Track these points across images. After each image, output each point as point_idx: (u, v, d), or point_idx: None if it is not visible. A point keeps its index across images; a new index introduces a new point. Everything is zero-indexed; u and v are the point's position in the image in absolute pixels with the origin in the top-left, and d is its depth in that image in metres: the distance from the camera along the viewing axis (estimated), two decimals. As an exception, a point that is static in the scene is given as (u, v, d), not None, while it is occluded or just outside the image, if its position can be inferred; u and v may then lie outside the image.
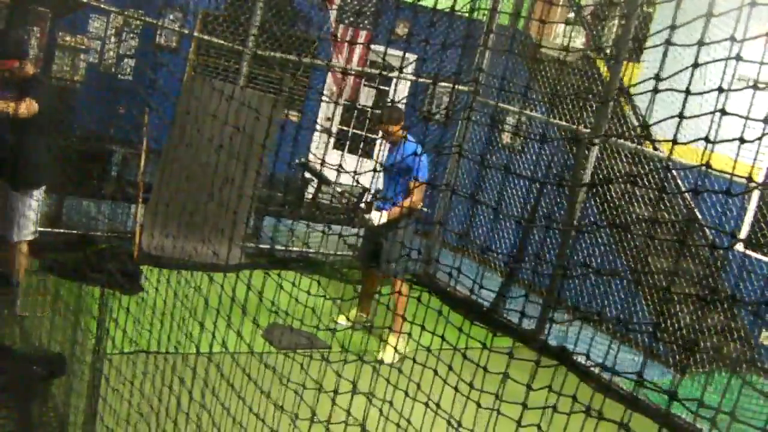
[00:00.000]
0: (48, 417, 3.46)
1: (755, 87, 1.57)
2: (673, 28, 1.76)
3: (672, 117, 1.76)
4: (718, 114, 1.58)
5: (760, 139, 1.51)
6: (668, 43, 1.83)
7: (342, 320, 5.53)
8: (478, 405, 2.12)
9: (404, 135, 5.21)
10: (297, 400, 2.64)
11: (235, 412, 2.84)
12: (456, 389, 2.22)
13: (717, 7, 1.72)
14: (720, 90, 1.53)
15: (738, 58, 1.60)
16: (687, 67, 1.75)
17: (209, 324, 3.19)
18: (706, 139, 1.57)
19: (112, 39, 8.96)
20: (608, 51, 7.60)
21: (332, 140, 9.30)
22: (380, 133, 5.46)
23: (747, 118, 1.52)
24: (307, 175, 7.08)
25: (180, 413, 3.04)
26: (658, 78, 1.84)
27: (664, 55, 1.99)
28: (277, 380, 2.80)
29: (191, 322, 3.31)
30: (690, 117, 1.67)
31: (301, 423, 2.64)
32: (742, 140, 1.44)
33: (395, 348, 4.10)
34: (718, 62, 1.66)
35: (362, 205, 5.40)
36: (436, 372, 2.34)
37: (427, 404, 2.27)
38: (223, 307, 3.16)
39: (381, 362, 4.73)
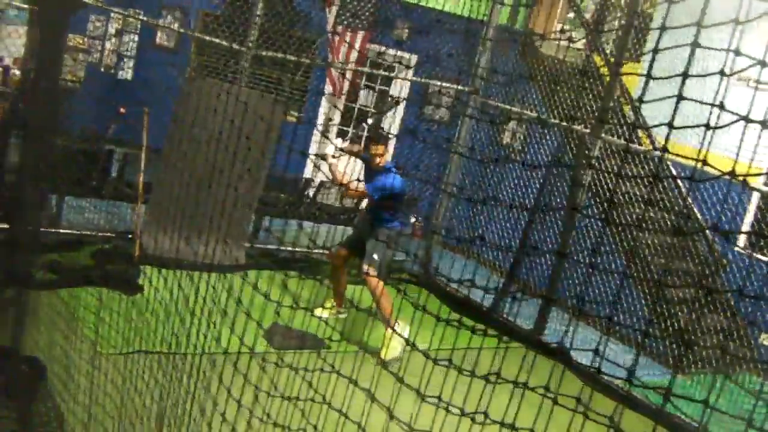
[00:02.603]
0: (48, 417, 3.46)
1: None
2: (663, 28, 1.77)
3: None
4: (715, 114, 1.58)
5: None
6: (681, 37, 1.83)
7: (320, 312, 5.55)
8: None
9: (383, 164, 5.20)
10: (293, 401, 2.64)
11: (224, 412, 2.84)
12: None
13: (716, 9, 1.72)
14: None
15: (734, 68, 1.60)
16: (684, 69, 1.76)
17: (210, 324, 3.18)
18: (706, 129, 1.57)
19: (113, 39, 8.97)
20: (608, 50, 7.61)
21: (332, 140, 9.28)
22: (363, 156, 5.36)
23: (745, 118, 1.53)
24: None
25: (179, 414, 3.03)
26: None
27: (658, 51, 1.99)
28: (273, 380, 2.80)
29: (191, 322, 3.30)
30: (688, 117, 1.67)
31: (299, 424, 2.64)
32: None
33: (398, 335, 4.07)
34: (716, 62, 1.66)
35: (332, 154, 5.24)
36: (461, 366, 2.34)
37: (444, 407, 2.26)
38: (224, 307, 3.16)
39: (383, 361, 4.72)
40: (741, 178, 1.54)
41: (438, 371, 2.13)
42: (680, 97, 1.61)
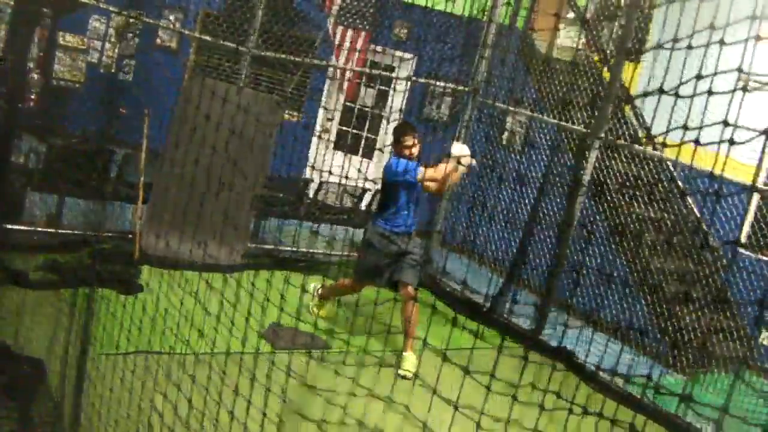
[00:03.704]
0: (48, 417, 3.46)
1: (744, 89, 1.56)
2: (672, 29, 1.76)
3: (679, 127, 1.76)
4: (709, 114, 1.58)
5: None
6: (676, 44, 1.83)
7: (316, 309, 5.48)
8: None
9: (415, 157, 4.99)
10: (296, 400, 2.64)
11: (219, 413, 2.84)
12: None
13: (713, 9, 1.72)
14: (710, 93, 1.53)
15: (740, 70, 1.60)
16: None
17: (209, 324, 3.18)
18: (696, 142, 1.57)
19: (112, 39, 8.97)
20: (607, 51, 7.60)
21: (332, 141, 9.30)
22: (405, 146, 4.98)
23: (737, 124, 1.52)
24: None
25: (178, 414, 3.03)
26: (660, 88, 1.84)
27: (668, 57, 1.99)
28: (275, 380, 2.80)
29: (191, 322, 3.30)
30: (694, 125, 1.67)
31: (304, 423, 2.64)
32: (731, 142, 1.44)
33: (405, 355, 4.03)
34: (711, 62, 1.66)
35: None
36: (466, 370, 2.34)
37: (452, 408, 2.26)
38: (224, 307, 3.16)
39: (405, 376, 4.59)
40: None
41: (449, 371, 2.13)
42: (728, 124, 1.60)
